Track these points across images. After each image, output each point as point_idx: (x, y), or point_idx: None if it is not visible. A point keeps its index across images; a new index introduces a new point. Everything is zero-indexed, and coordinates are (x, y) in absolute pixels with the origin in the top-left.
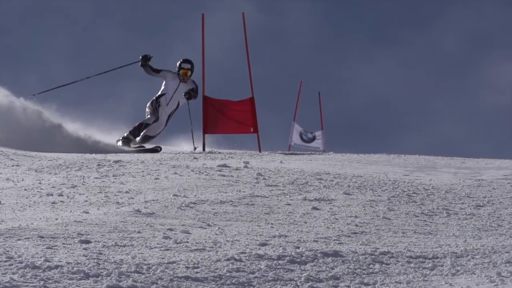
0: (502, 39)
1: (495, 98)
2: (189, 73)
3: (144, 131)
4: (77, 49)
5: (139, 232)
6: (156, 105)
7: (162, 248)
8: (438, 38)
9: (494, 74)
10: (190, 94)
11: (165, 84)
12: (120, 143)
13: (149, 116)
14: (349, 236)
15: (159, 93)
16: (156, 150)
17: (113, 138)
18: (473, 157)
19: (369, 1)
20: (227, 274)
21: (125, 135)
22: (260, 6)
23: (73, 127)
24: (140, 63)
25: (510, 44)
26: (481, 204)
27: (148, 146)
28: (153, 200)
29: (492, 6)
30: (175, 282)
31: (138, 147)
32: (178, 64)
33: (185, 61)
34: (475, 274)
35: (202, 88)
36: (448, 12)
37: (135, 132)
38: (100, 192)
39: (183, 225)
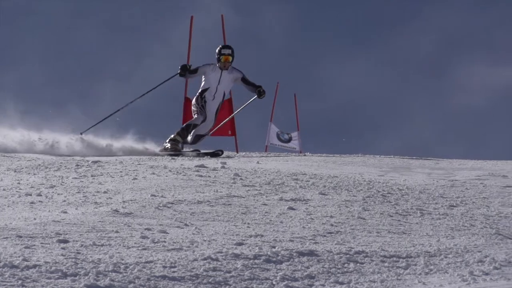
0: (475, 40)
1: (468, 99)
2: (230, 59)
3: (193, 131)
4: (56, 50)
5: (117, 231)
6: (202, 102)
7: (139, 248)
8: (412, 40)
9: (467, 75)
10: (265, 94)
11: (205, 79)
12: (168, 145)
13: (196, 116)
14: (325, 236)
15: (202, 88)
16: (217, 154)
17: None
18: (447, 158)
19: (344, 2)
20: (204, 273)
21: (172, 136)
22: (236, 9)
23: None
24: (179, 74)
25: (483, 46)
26: (454, 204)
27: (196, 146)
28: (131, 200)
29: (466, 8)
30: (152, 281)
31: (195, 151)
32: (217, 50)
33: (225, 46)
34: (448, 273)
35: (185, 89)
36: (422, 14)
37: (183, 133)
38: (78, 192)
39: (160, 224)
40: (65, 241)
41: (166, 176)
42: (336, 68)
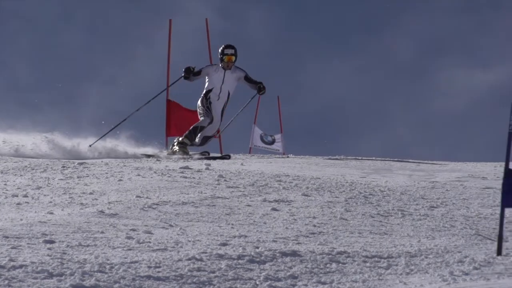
0: (453, 45)
1: (447, 102)
2: (233, 58)
3: (200, 133)
4: (40, 53)
5: (102, 232)
6: (207, 103)
7: (124, 248)
8: (392, 44)
9: (445, 80)
10: (265, 90)
11: (209, 79)
12: (176, 148)
13: (202, 118)
14: (307, 236)
15: (206, 89)
16: (225, 157)
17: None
18: (427, 160)
19: (327, 8)
20: (188, 274)
21: (180, 139)
22: (220, 13)
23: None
24: (183, 77)
25: (461, 50)
26: (435, 205)
27: (197, 150)
28: (117, 201)
29: (444, 13)
30: (137, 281)
31: (205, 153)
32: (220, 50)
33: (228, 46)
34: (428, 273)
35: (167, 92)
36: (402, 19)
37: (190, 135)
38: (64, 193)
39: (145, 225)
40: (51, 242)
41: (151, 177)
42: (318, 72)
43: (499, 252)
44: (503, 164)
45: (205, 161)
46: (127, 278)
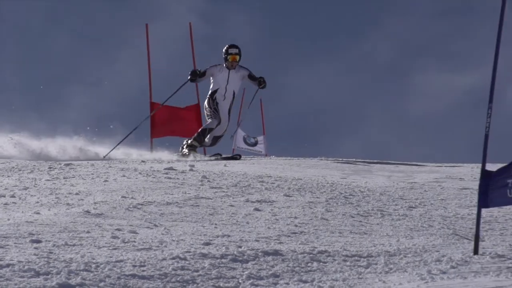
0: (431, 49)
1: (425, 105)
2: (237, 58)
3: (209, 134)
4: (27, 57)
5: (88, 232)
6: (214, 105)
7: (110, 248)
8: (372, 47)
9: (423, 82)
10: (265, 84)
11: (214, 80)
12: (185, 151)
13: (210, 120)
14: (289, 236)
15: (211, 90)
16: (236, 158)
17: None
18: (406, 161)
19: (308, 12)
20: (172, 272)
21: (189, 142)
22: (203, 17)
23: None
24: (190, 80)
25: (438, 54)
26: (414, 206)
27: (210, 151)
28: (102, 202)
29: (422, 18)
30: (122, 280)
31: (217, 154)
32: (224, 50)
33: (232, 46)
34: (407, 272)
35: (149, 95)
36: (382, 23)
37: (199, 138)
38: (51, 194)
39: (130, 225)
40: (38, 241)
41: (136, 178)
42: (300, 75)
43: (475, 251)
44: (479, 165)
45: (189, 163)
46: (113, 276)
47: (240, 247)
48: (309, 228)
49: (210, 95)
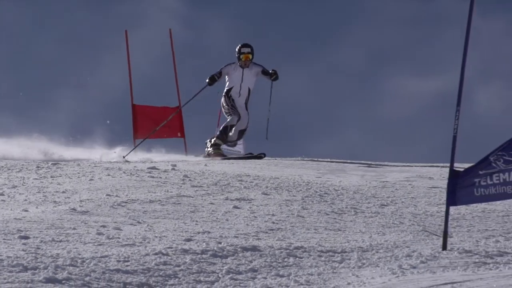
0: (399, 55)
1: (395, 108)
2: (250, 57)
3: (233, 129)
4: (15, 61)
5: (74, 228)
6: (230, 101)
7: (95, 243)
8: (345, 54)
9: (393, 86)
10: (277, 76)
11: (229, 78)
12: (210, 150)
13: (230, 117)
14: (267, 232)
15: (226, 87)
16: (260, 156)
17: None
18: (378, 161)
19: (282, 19)
20: (155, 267)
21: (213, 141)
22: (183, 23)
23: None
24: (208, 84)
25: (406, 60)
26: (385, 204)
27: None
28: (88, 200)
29: (391, 26)
30: (107, 274)
31: (249, 154)
32: (237, 49)
33: (244, 45)
34: (379, 266)
35: (131, 97)
36: (353, 31)
37: (222, 136)
38: (38, 192)
39: (115, 222)
40: (26, 237)
41: (121, 177)
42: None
43: (444, 247)
44: (448, 165)
45: (171, 162)
46: (98, 271)
47: (220, 243)
48: (286, 225)
49: (225, 92)
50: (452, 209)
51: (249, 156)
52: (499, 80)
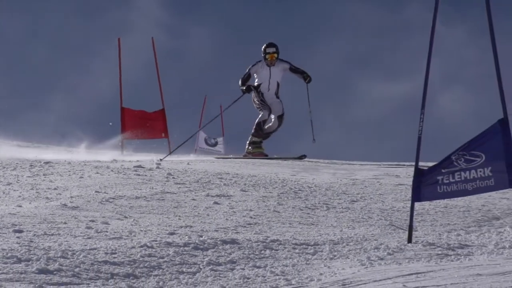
0: (371, 61)
1: (367, 110)
2: (275, 56)
3: (272, 115)
4: (7, 66)
5: (65, 223)
6: (260, 96)
7: (85, 237)
8: (319, 60)
9: (364, 90)
10: (310, 78)
11: (257, 76)
12: (250, 148)
13: (262, 112)
14: (245, 227)
15: (256, 83)
16: (302, 158)
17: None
18: (349, 160)
19: (258, 26)
20: (141, 259)
21: (251, 140)
22: (167, 31)
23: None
24: (244, 91)
25: (377, 65)
26: (355, 200)
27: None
28: (78, 196)
29: (361, 34)
30: (95, 265)
31: (302, 156)
32: (263, 49)
33: (269, 45)
34: (349, 258)
35: (120, 101)
36: (328, 38)
37: (257, 132)
38: (32, 189)
39: (103, 217)
40: (20, 231)
41: (109, 175)
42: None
43: (409, 240)
44: (413, 164)
45: (156, 161)
46: (87, 263)
47: (201, 236)
48: (263, 219)
49: (255, 87)
50: (416, 204)
51: (291, 157)
52: (460, 84)
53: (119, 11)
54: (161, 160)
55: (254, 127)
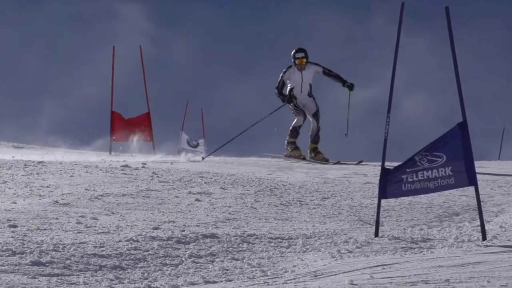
0: (339, 68)
1: (337, 115)
2: (304, 61)
3: (308, 117)
4: (2, 73)
5: (56, 218)
6: (294, 101)
7: (75, 231)
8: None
9: (334, 96)
10: (353, 86)
11: (290, 81)
12: (289, 149)
13: (296, 117)
14: (224, 222)
15: (289, 87)
16: (361, 162)
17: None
18: (320, 161)
19: (235, 38)
20: (127, 252)
21: (289, 140)
22: (152, 41)
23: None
24: (286, 102)
25: (346, 72)
26: (326, 197)
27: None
28: (69, 193)
29: (331, 43)
30: (85, 258)
31: (360, 162)
32: (292, 54)
33: (298, 50)
34: (320, 251)
35: (111, 105)
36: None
37: (293, 134)
38: (26, 187)
39: (92, 213)
40: (15, 226)
41: (97, 174)
42: (231, 88)
43: (376, 234)
44: (380, 164)
45: (141, 161)
46: (77, 255)
47: (183, 231)
48: (241, 215)
49: (289, 91)
50: (383, 201)
51: (350, 163)
52: (422, 90)
53: (106, 22)
54: (203, 159)
55: (289, 131)
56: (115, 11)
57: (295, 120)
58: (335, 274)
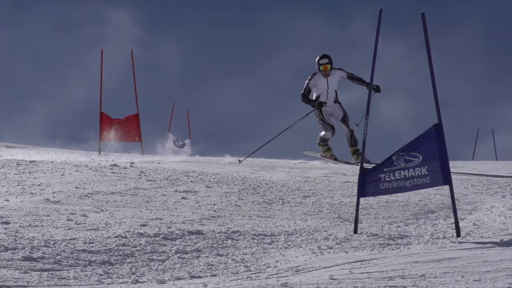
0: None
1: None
2: (328, 67)
3: (344, 124)
4: None
5: (47, 215)
6: (320, 115)
7: (65, 228)
8: (274, 71)
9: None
10: (379, 89)
11: (316, 88)
12: (322, 149)
13: (324, 132)
14: (209, 219)
15: (315, 95)
16: (369, 162)
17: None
18: (302, 161)
19: (221, 43)
20: (116, 248)
21: (320, 142)
22: (140, 44)
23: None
24: (315, 108)
25: None
26: (307, 195)
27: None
28: (59, 191)
29: (312, 47)
30: (75, 254)
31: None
32: (316, 61)
33: (322, 57)
34: (301, 247)
35: (100, 106)
36: (281, 52)
37: (323, 140)
38: (18, 185)
39: (82, 210)
40: (7, 223)
41: (87, 173)
42: (217, 90)
43: (355, 231)
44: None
45: (130, 160)
46: (67, 251)
47: (170, 228)
48: (225, 213)
49: (314, 100)
50: (362, 199)
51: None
52: (399, 93)
53: (96, 27)
54: (240, 161)
55: (319, 136)
56: (105, 16)
57: (323, 133)
58: (316, 269)
